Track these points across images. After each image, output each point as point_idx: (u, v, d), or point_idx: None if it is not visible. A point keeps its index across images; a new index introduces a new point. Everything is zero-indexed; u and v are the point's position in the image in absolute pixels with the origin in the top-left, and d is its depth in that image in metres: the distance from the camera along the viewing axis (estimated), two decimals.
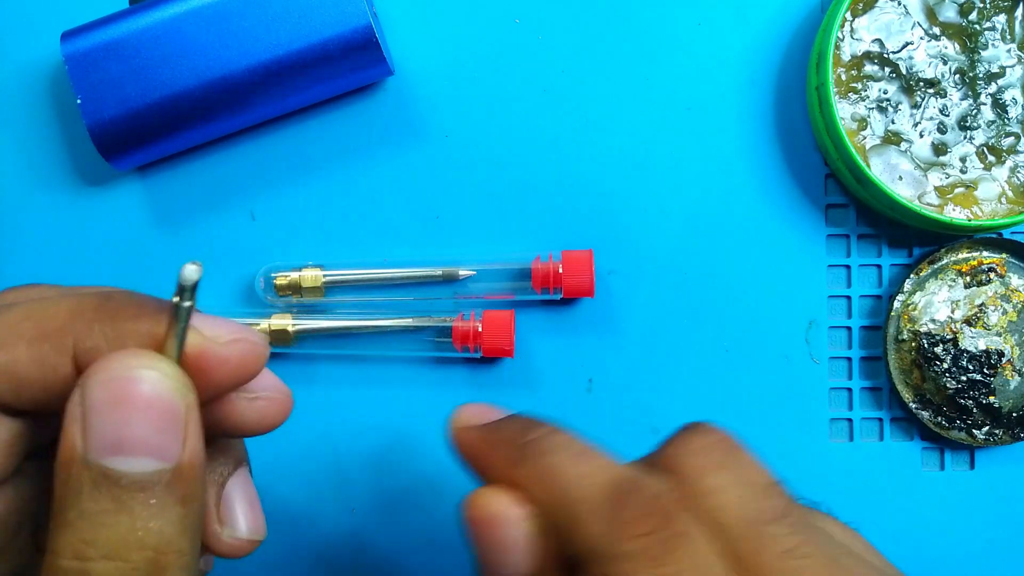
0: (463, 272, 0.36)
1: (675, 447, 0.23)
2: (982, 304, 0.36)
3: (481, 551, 0.22)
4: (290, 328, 0.36)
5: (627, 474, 0.21)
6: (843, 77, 0.35)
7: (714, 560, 0.20)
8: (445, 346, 0.36)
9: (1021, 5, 0.35)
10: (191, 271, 0.19)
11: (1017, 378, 0.36)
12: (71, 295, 0.22)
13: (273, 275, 0.36)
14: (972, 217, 0.35)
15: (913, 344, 0.36)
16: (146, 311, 0.21)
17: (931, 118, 0.35)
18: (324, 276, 0.36)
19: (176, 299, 0.19)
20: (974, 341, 0.36)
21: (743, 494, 0.21)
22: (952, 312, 0.36)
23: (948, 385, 0.36)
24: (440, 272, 0.36)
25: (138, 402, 0.19)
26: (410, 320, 0.36)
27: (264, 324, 0.36)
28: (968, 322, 0.36)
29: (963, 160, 0.35)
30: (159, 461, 0.19)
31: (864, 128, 0.35)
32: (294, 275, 0.36)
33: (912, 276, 0.36)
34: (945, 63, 0.35)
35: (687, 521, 0.20)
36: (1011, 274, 0.36)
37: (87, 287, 0.26)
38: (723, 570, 0.20)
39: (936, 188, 0.35)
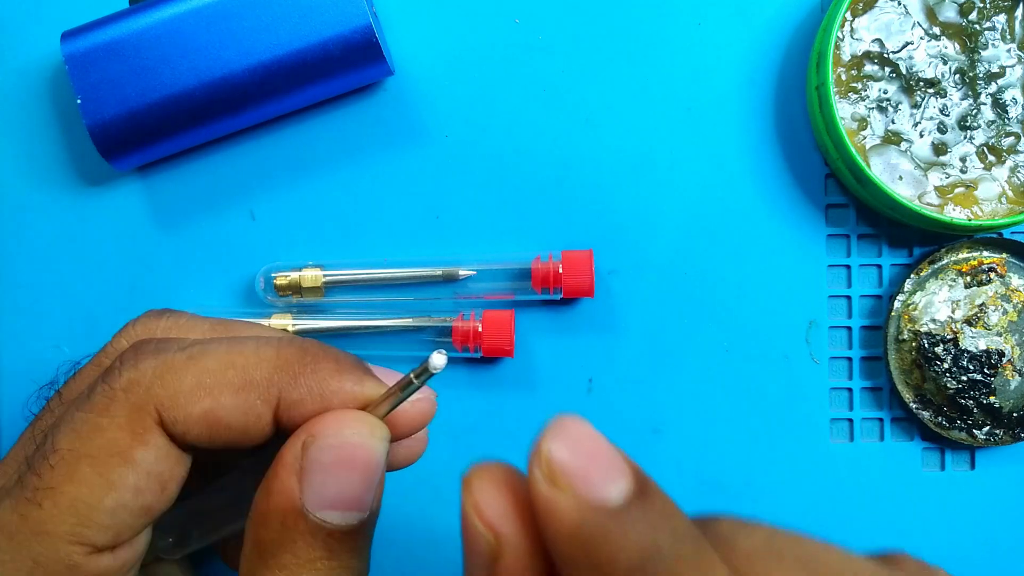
0: (463, 272, 0.36)
1: None
2: (982, 304, 0.36)
3: None
4: (290, 328, 0.36)
5: None
6: (843, 77, 0.35)
7: None
8: (445, 346, 0.36)
9: (1021, 5, 0.35)
10: (440, 360, 0.21)
11: (1018, 378, 0.36)
12: (266, 342, 0.23)
13: (273, 275, 0.36)
14: (972, 217, 0.35)
15: (913, 344, 0.36)
16: (344, 367, 0.23)
17: (931, 118, 0.35)
18: (324, 276, 0.36)
19: (413, 376, 0.22)
20: (974, 341, 0.36)
21: None
22: (952, 312, 0.36)
23: (948, 385, 0.36)
24: (440, 272, 0.36)
25: (359, 466, 0.21)
26: (410, 320, 0.36)
27: (264, 324, 0.36)
28: (968, 322, 0.36)
29: (963, 160, 0.35)
30: (363, 513, 0.21)
31: (864, 128, 0.35)
32: (294, 275, 0.36)
33: (912, 276, 0.36)
34: (945, 63, 0.35)
35: None
36: (1011, 274, 0.36)
37: (259, 326, 0.27)
38: None
39: (936, 188, 0.35)
